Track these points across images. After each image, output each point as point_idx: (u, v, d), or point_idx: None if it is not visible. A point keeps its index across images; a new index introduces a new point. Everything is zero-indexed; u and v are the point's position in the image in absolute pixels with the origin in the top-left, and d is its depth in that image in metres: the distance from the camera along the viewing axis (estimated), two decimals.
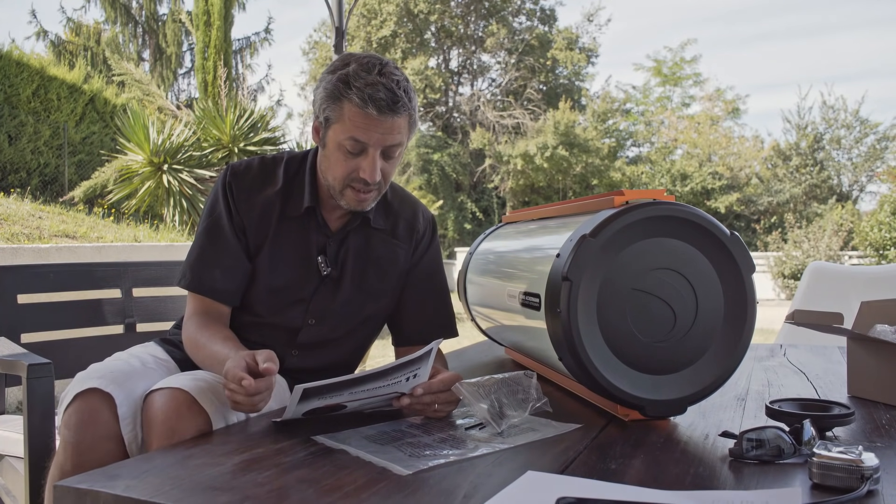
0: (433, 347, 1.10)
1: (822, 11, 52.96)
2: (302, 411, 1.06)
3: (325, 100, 1.29)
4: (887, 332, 1.21)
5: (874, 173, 20.94)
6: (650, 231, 1.08)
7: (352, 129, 1.26)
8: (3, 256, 4.63)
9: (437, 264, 1.55)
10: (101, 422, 1.14)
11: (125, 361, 1.29)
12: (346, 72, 1.26)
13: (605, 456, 0.93)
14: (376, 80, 1.24)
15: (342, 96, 1.26)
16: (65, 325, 1.95)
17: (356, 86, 1.24)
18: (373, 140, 1.27)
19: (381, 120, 1.25)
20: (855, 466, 0.77)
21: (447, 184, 23.49)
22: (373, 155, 1.29)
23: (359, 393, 1.06)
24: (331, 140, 1.31)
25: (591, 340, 1.06)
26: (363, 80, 1.24)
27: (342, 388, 1.04)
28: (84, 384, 1.16)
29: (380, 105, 1.24)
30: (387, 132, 1.27)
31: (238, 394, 1.05)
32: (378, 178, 1.31)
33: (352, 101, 1.25)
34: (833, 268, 2.79)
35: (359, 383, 1.04)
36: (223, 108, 8.75)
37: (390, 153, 1.31)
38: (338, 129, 1.28)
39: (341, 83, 1.26)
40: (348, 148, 1.28)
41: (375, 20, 25.12)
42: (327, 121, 1.30)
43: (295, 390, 1.02)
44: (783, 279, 13.37)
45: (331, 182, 1.34)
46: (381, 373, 1.05)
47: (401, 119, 1.28)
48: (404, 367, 1.06)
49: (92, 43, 20.27)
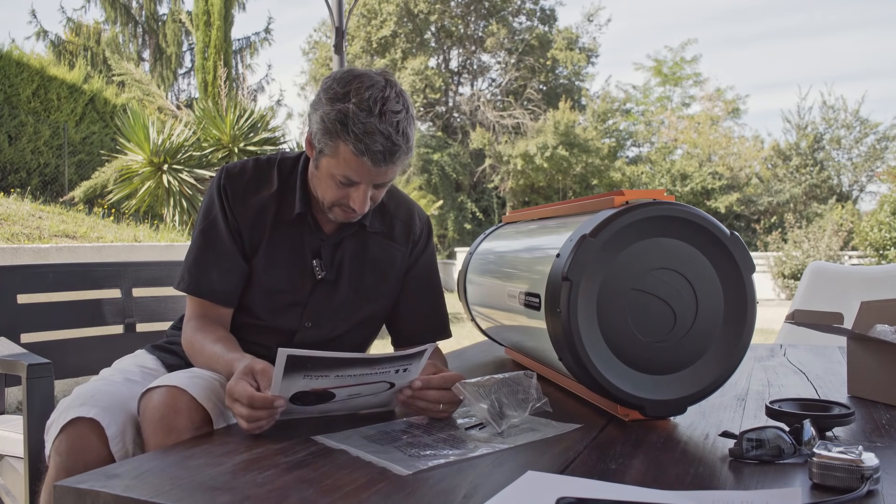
0: (427, 349, 1.09)
1: (823, 11, 52.98)
2: (289, 390, 1.04)
3: (320, 132, 1.25)
4: (887, 332, 1.21)
5: (874, 173, 20.95)
6: (650, 231, 1.08)
7: (345, 168, 1.24)
8: (3, 256, 4.64)
9: (432, 266, 1.55)
10: (89, 447, 1.14)
11: (108, 381, 1.29)
12: (345, 109, 1.20)
13: (605, 456, 0.93)
14: (375, 127, 1.19)
15: (338, 136, 1.21)
16: (64, 325, 1.95)
17: (354, 131, 1.19)
18: (365, 180, 1.26)
19: (376, 169, 1.24)
20: (855, 466, 0.77)
21: (447, 184, 23.49)
22: (364, 189, 1.28)
23: (346, 378, 1.05)
24: (323, 168, 1.29)
25: (591, 340, 1.06)
26: (362, 125, 1.19)
27: (328, 367, 1.03)
28: (69, 413, 1.16)
29: (375, 157, 1.21)
30: (380, 175, 1.26)
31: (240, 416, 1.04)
32: (367, 208, 1.31)
33: (347, 146, 1.21)
34: (833, 268, 2.79)
35: (346, 365, 1.03)
36: (223, 108, 8.75)
37: (382, 185, 1.31)
38: (332, 162, 1.26)
39: (339, 123, 1.21)
40: (340, 180, 1.27)
41: (375, 20, 25.12)
42: (321, 152, 1.28)
43: (279, 353, 0.99)
44: (783, 279, 13.37)
45: (320, 198, 1.34)
46: (370, 360, 1.04)
47: (397, 165, 1.26)
48: (393, 360, 1.06)
49: (92, 43, 20.27)
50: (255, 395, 1.02)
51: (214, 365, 1.24)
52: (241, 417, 1.03)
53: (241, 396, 1.03)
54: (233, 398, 1.04)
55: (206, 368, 1.27)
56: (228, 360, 1.19)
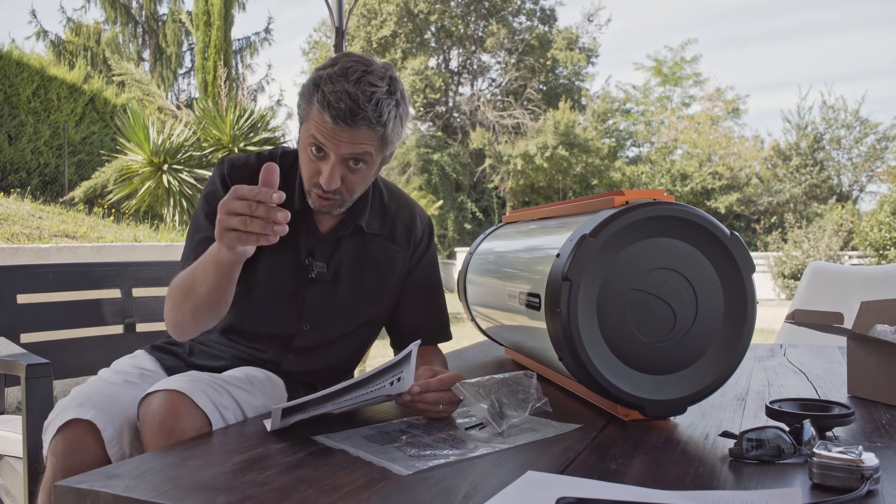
0: (412, 350, 1.09)
1: (822, 11, 52.98)
2: (287, 423, 1.05)
3: (300, 96, 1.29)
4: (887, 332, 1.21)
5: (874, 173, 20.95)
6: (650, 231, 1.08)
7: (313, 129, 1.25)
8: (3, 256, 4.64)
9: (434, 268, 1.54)
10: (86, 449, 1.13)
11: (107, 381, 1.28)
12: (322, 73, 1.25)
13: (605, 456, 0.93)
14: (344, 87, 1.21)
15: (311, 97, 1.25)
16: (64, 325, 1.95)
17: (323, 90, 1.22)
18: (331, 146, 1.25)
19: (337, 129, 1.23)
20: (855, 466, 0.77)
21: (447, 184, 23.49)
22: (332, 162, 1.26)
23: (342, 403, 1.05)
24: (302, 137, 1.30)
25: (591, 340, 1.06)
26: (332, 85, 1.21)
27: (323, 402, 1.04)
28: (66, 415, 1.15)
29: (335, 114, 1.21)
30: (346, 142, 1.24)
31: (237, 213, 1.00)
32: (335, 186, 1.27)
33: (315, 104, 1.24)
34: (833, 268, 2.79)
35: (340, 395, 1.04)
36: (223, 108, 8.75)
37: (354, 163, 1.28)
38: (306, 127, 1.28)
39: (313, 84, 1.25)
40: (312, 150, 1.27)
41: (375, 20, 25.12)
42: (301, 118, 1.31)
43: (273, 412, 1.01)
44: (783, 279, 13.37)
45: (303, 179, 1.34)
46: (361, 382, 1.04)
47: (362, 132, 1.23)
48: (385, 372, 1.06)
49: (92, 43, 20.26)
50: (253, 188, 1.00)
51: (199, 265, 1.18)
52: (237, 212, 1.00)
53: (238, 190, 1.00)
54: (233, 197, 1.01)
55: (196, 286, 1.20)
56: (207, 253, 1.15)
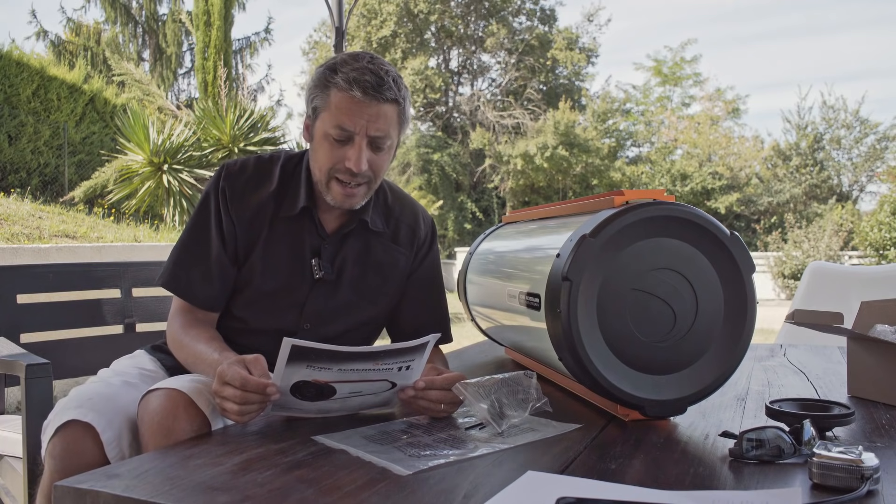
0: (430, 341, 1.09)
1: (822, 11, 52.98)
2: (290, 379, 1.04)
3: (313, 89, 1.30)
4: (887, 332, 1.21)
5: (874, 173, 20.93)
6: (650, 231, 1.08)
7: (337, 115, 1.26)
8: (3, 256, 4.64)
9: (436, 269, 1.54)
10: (84, 451, 1.13)
11: (106, 382, 1.27)
12: (334, 60, 1.29)
13: (605, 456, 0.93)
14: (364, 66, 1.26)
15: (329, 83, 1.27)
16: (64, 325, 1.95)
17: (343, 71, 1.25)
18: (358, 127, 1.26)
19: (367, 103, 1.25)
20: (855, 466, 0.77)
21: (447, 184, 23.48)
22: (359, 143, 1.27)
23: (349, 372, 1.05)
24: (318, 130, 1.31)
25: (591, 340, 1.06)
26: (350, 65, 1.26)
27: (331, 360, 1.03)
28: (64, 416, 1.15)
29: (365, 87, 1.24)
30: (372, 119, 1.26)
31: (229, 401, 1.03)
32: (364, 167, 1.28)
33: (338, 87, 1.26)
34: (833, 268, 2.79)
35: (349, 359, 1.03)
36: (223, 108, 8.75)
37: (378, 144, 1.29)
38: (325, 117, 1.28)
39: (329, 70, 1.28)
40: (335, 136, 1.27)
41: (375, 20, 25.11)
42: (315, 111, 1.31)
43: (284, 343, 0.99)
44: (783, 279, 13.37)
45: (318, 176, 1.33)
46: (373, 354, 1.04)
47: (388, 107, 1.27)
48: (397, 353, 1.06)
49: (92, 43, 20.26)
50: (248, 378, 1.01)
51: (199, 364, 1.23)
52: (233, 401, 1.02)
53: (234, 379, 1.01)
54: (223, 381, 1.03)
55: (191, 367, 1.25)
56: (217, 360, 1.18)
